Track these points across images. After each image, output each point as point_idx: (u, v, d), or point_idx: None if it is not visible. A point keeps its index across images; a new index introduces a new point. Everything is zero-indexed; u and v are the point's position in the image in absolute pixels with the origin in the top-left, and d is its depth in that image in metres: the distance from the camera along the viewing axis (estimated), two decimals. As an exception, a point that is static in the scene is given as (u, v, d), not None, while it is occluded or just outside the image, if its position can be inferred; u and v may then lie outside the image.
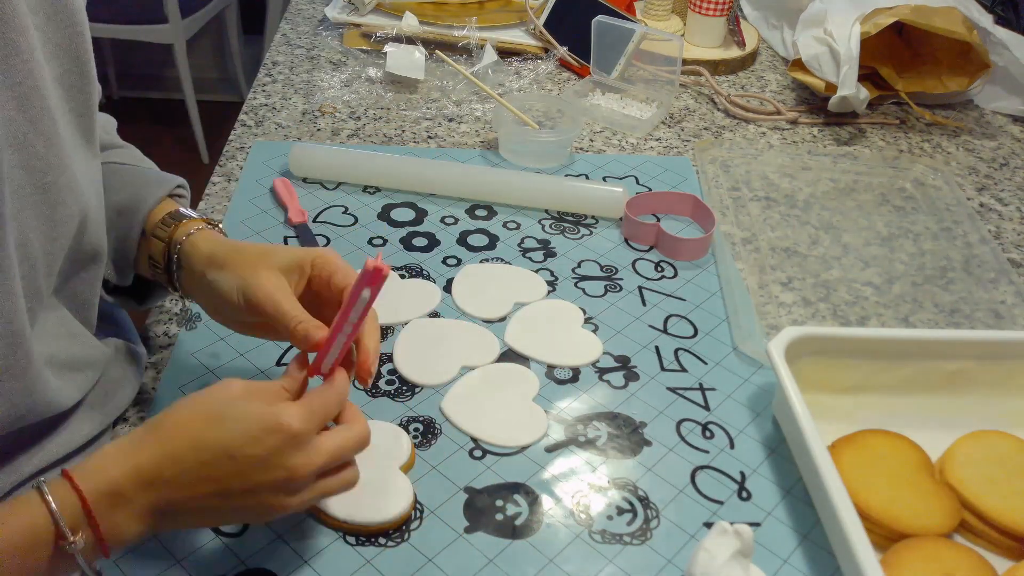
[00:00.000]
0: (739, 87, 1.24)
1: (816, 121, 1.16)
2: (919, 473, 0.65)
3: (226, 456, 0.50)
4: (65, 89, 0.57)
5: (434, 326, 0.80)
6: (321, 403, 0.54)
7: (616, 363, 0.77)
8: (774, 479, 0.67)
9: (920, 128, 1.17)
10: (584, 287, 0.85)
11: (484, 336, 0.79)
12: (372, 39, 1.25)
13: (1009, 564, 0.61)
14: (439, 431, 0.70)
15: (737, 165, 1.05)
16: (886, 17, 1.10)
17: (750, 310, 0.82)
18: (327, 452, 0.53)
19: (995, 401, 0.73)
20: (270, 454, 0.51)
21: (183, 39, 2.51)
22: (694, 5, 1.26)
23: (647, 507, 0.65)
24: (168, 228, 0.66)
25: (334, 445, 0.54)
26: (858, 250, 0.93)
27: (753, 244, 0.92)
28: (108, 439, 0.66)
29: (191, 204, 0.74)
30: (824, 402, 0.71)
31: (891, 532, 0.61)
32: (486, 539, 0.62)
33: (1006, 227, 0.99)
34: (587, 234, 0.93)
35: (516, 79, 1.22)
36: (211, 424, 0.51)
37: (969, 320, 0.84)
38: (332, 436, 0.54)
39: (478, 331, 0.79)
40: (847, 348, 0.72)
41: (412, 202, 0.96)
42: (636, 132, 1.12)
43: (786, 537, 0.63)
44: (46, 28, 0.55)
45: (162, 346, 0.76)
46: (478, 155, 1.05)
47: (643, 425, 0.71)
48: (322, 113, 1.12)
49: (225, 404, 0.52)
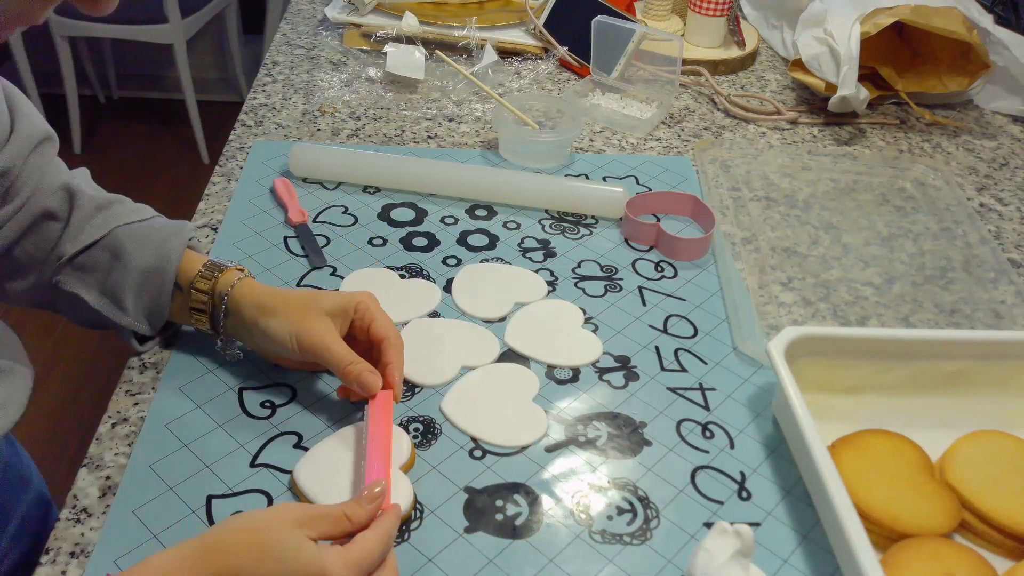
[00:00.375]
0: (739, 87, 1.24)
1: (816, 121, 1.16)
2: (919, 473, 0.65)
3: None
4: None
5: (434, 326, 0.80)
6: (365, 553, 0.54)
7: (616, 363, 0.77)
8: (774, 479, 0.67)
9: (920, 128, 1.17)
10: (584, 287, 0.85)
11: (484, 336, 0.79)
12: (372, 39, 1.25)
13: (1009, 564, 0.61)
14: (439, 431, 0.70)
15: (737, 165, 1.05)
16: (886, 17, 1.10)
17: (750, 310, 0.82)
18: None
19: (995, 401, 0.73)
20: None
21: (183, 39, 2.51)
22: (694, 5, 1.26)
23: (647, 507, 0.65)
24: (209, 281, 0.70)
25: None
26: (858, 250, 0.93)
27: (753, 244, 0.92)
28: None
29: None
30: (824, 402, 0.71)
31: (891, 532, 0.61)
32: (486, 539, 0.62)
33: (1006, 227, 0.99)
34: (587, 234, 0.93)
35: (516, 79, 1.22)
36: (259, 558, 0.51)
37: (969, 320, 0.84)
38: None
39: (478, 331, 0.79)
40: (847, 348, 0.72)
41: (412, 202, 0.96)
42: (636, 132, 1.12)
43: (786, 537, 0.63)
44: None
45: (162, 346, 0.76)
46: (478, 155, 1.05)
47: (643, 425, 0.71)
48: (322, 113, 1.12)
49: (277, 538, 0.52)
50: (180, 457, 0.66)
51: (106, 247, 0.71)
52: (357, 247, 0.89)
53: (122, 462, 0.66)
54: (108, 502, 0.63)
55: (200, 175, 2.56)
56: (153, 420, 0.69)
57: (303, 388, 0.72)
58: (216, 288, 0.70)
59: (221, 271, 0.71)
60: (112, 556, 0.59)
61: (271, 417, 0.70)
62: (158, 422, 0.69)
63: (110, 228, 0.71)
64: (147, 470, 0.65)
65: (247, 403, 0.71)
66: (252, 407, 0.71)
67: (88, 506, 0.63)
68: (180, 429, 0.68)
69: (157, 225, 0.73)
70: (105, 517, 0.62)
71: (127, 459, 0.66)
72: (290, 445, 0.68)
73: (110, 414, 0.70)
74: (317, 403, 0.71)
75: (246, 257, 0.86)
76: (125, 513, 0.62)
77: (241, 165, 1.01)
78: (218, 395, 0.71)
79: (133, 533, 0.60)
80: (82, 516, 0.62)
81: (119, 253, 0.70)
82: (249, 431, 0.68)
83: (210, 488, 0.64)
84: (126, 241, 0.71)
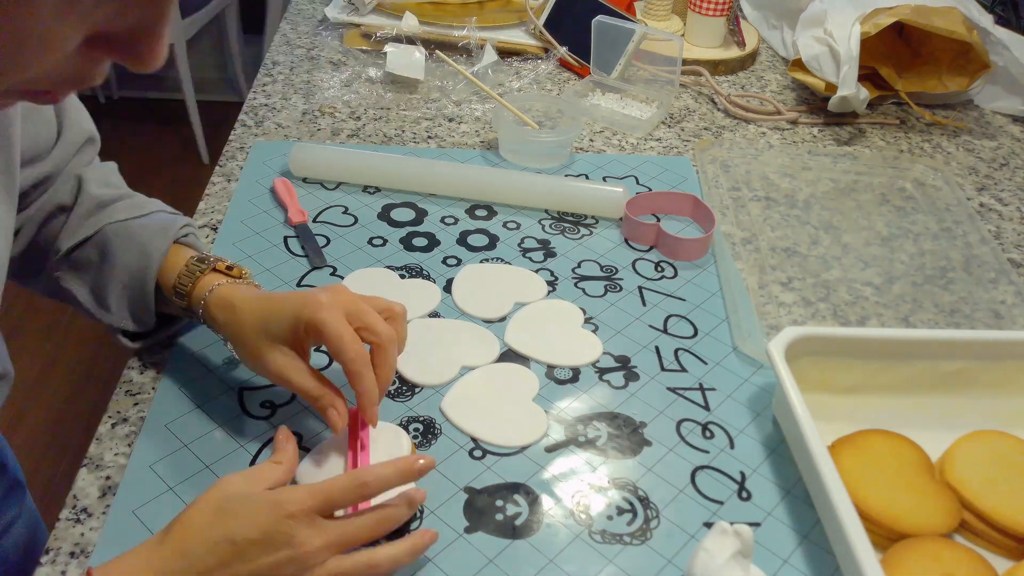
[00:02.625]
0: (739, 87, 1.24)
1: (816, 121, 1.16)
2: (919, 473, 0.65)
3: (228, 542, 0.52)
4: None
5: (434, 326, 0.80)
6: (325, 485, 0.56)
7: (616, 363, 0.77)
8: (774, 479, 0.67)
9: (920, 128, 1.17)
10: (584, 287, 0.85)
11: (484, 336, 0.79)
12: (372, 39, 1.25)
13: (1009, 564, 0.61)
14: (439, 431, 0.70)
15: (737, 165, 1.05)
16: (886, 17, 1.10)
17: (750, 310, 0.82)
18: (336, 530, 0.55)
19: (995, 401, 0.73)
20: (270, 535, 0.52)
21: (183, 39, 2.51)
22: (694, 5, 1.26)
23: (647, 507, 0.65)
24: (185, 287, 0.68)
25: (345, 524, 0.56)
26: (858, 250, 0.93)
27: (753, 244, 0.92)
28: None
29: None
30: (824, 402, 0.71)
31: (891, 532, 0.61)
32: (486, 539, 0.62)
33: (1006, 227, 0.99)
34: (587, 234, 0.93)
35: (516, 79, 1.22)
36: (217, 517, 0.53)
37: (969, 320, 0.84)
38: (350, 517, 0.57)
39: (478, 331, 0.79)
40: (847, 348, 0.72)
41: (412, 202, 0.96)
42: (636, 132, 1.12)
43: (786, 537, 0.63)
44: None
45: (162, 346, 0.76)
46: (478, 155, 1.05)
47: (643, 425, 0.71)
48: (322, 113, 1.12)
49: (227, 498, 0.54)
50: (180, 457, 0.66)
51: (96, 244, 0.71)
52: (357, 247, 0.89)
53: (122, 462, 0.66)
54: (108, 502, 0.63)
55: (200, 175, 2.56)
56: (153, 420, 0.69)
57: (303, 388, 0.72)
58: (193, 294, 0.68)
59: (202, 273, 0.68)
60: (112, 556, 0.59)
61: (271, 417, 0.70)
62: (158, 422, 0.69)
63: (101, 225, 0.71)
64: (147, 470, 0.65)
65: (247, 403, 0.71)
66: (252, 407, 0.71)
67: (88, 506, 0.63)
68: (180, 429, 0.68)
69: (147, 223, 0.72)
70: (105, 517, 0.62)
71: (127, 459, 0.66)
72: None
73: (110, 414, 0.70)
74: (317, 403, 0.71)
75: (246, 257, 0.86)
76: (125, 513, 0.62)
77: (241, 165, 1.01)
78: (218, 395, 0.71)
79: (133, 533, 0.60)
80: (82, 516, 0.62)
81: (106, 252, 0.70)
82: (249, 431, 0.68)
83: (210, 488, 0.64)
84: (113, 239, 0.70)
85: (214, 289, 0.67)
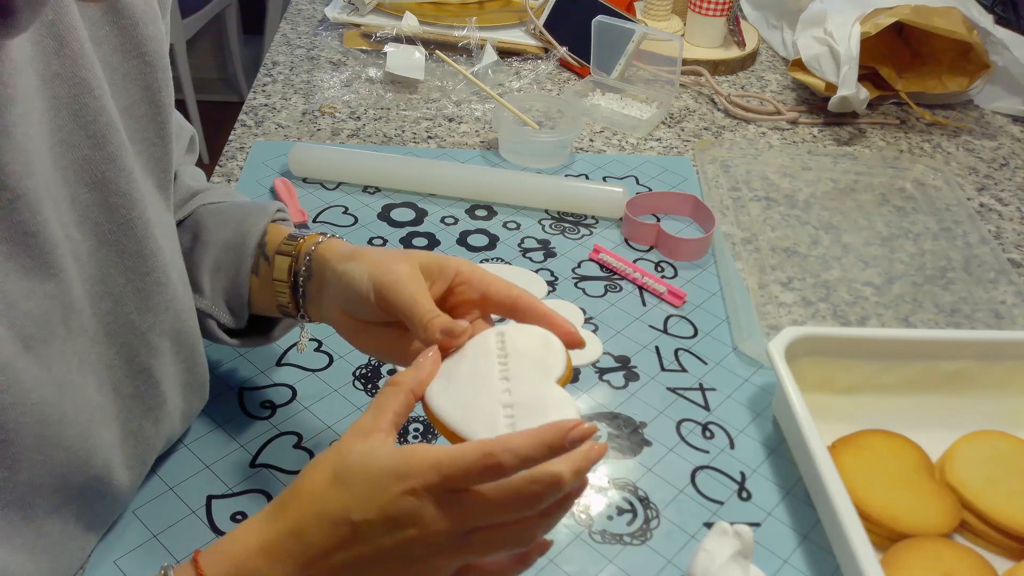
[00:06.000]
0: (739, 87, 1.24)
1: (816, 121, 1.16)
2: (919, 473, 0.65)
3: (346, 523, 0.45)
4: (135, 120, 0.56)
5: (434, 326, 0.80)
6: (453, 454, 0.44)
7: (616, 363, 0.77)
8: (774, 479, 0.67)
9: (920, 128, 1.17)
10: (584, 287, 0.85)
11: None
12: (372, 39, 1.25)
13: (1009, 564, 0.61)
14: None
15: (737, 165, 1.05)
16: (886, 17, 1.10)
17: (750, 310, 0.82)
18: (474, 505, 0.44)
19: (995, 401, 0.73)
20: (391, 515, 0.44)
21: (183, 39, 2.51)
22: (694, 5, 1.26)
23: (647, 507, 0.65)
24: (293, 244, 0.63)
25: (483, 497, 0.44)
26: (858, 250, 0.93)
27: (753, 244, 0.92)
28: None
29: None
30: (824, 402, 0.71)
31: (891, 532, 0.61)
32: (486, 539, 0.62)
33: (1006, 227, 0.99)
34: (587, 234, 0.93)
35: (516, 79, 1.22)
36: (333, 490, 0.46)
37: (969, 320, 0.84)
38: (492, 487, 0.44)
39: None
40: (847, 348, 0.72)
41: (412, 202, 0.96)
42: (636, 132, 1.12)
43: (786, 537, 0.63)
44: (111, 59, 0.54)
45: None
46: (478, 155, 1.05)
47: (643, 425, 0.71)
48: (322, 113, 1.12)
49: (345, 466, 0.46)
50: (180, 457, 0.66)
51: (188, 228, 0.68)
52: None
53: (122, 462, 0.66)
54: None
55: (200, 175, 2.55)
56: (153, 420, 0.69)
57: (303, 388, 0.72)
58: (300, 250, 0.63)
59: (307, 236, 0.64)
60: (112, 556, 0.59)
61: (271, 417, 0.70)
62: (158, 422, 0.69)
63: (194, 208, 0.69)
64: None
65: (247, 403, 0.71)
66: (252, 407, 0.71)
67: (88, 506, 0.63)
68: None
69: (243, 204, 0.70)
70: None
71: (127, 459, 0.66)
72: (290, 445, 0.68)
73: (110, 414, 0.70)
74: (317, 403, 0.71)
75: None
76: (125, 513, 0.62)
77: (241, 165, 1.01)
78: (218, 395, 0.71)
79: (133, 533, 0.60)
80: (82, 516, 0.62)
81: (199, 231, 0.67)
82: (249, 431, 0.68)
83: (210, 488, 0.64)
84: (207, 219, 0.67)
85: (329, 239, 0.63)
